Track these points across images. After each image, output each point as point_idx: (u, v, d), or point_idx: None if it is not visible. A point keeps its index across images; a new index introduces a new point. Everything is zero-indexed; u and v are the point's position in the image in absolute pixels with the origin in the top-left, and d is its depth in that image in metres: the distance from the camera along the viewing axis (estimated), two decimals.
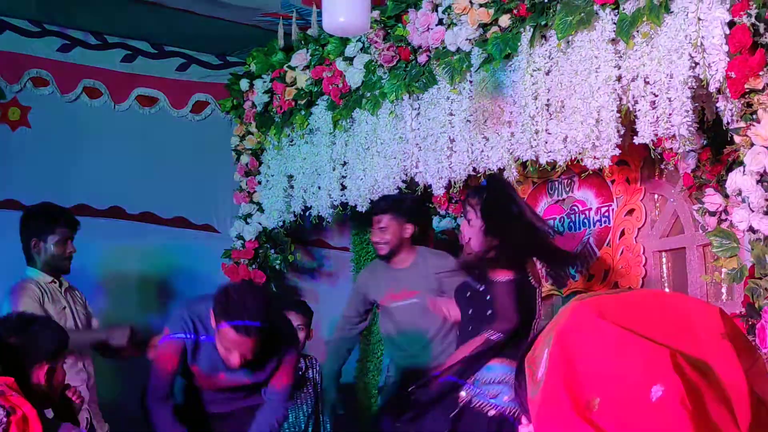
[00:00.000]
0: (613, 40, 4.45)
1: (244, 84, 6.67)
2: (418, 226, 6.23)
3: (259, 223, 6.58)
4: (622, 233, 5.57)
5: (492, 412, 4.67)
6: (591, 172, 5.16)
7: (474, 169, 5.17)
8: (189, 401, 4.92)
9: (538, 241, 4.92)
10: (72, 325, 5.33)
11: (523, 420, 1.58)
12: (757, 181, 4.00)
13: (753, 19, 3.97)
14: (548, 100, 4.72)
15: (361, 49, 5.78)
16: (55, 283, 5.40)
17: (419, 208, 5.73)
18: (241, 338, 4.31)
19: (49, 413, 3.78)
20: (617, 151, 4.51)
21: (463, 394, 4.76)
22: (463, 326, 4.90)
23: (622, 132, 4.46)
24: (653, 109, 4.27)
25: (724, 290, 4.95)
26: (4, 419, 3.19)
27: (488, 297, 4.75)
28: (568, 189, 5.88)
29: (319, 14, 4.26)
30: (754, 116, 4.00)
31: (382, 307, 5.91)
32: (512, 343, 4.64)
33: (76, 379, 5.21)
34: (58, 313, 5.21)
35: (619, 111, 4.44)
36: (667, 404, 1.34)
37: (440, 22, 5.27)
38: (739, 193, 4.06)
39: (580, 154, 4.61)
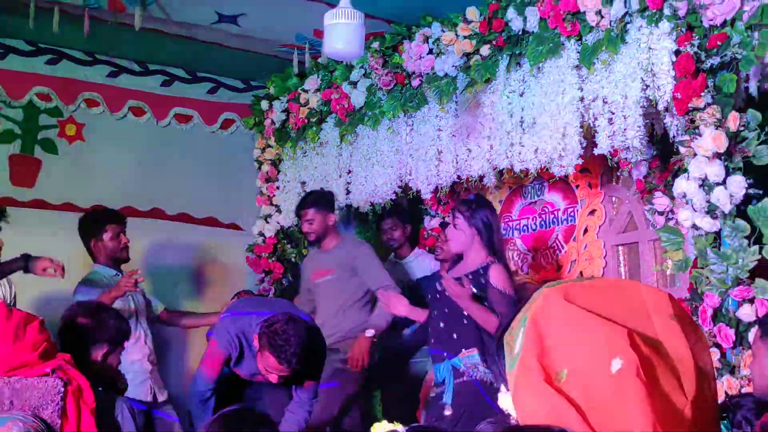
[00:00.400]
0: (576, 66, 4.45)
1: (264, 104, 6.66)
2: (412, 225, 6.23)
3: (278, 222, 6.56)
4: (586, 230, 5.56)
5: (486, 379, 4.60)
6: (558, 178, 5.14)
7: (458, 177, 5.17)
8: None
9: None
10: (132, 307, 5.43)
11: (503, 389, 1.57)
12: (699, 186, 3.99)
13: (696, 49, 3.98)
14: (522, 117, 4.72)
15: (363, 75, 5.77)
16: (118, 275, 5.43)
17: (330, 200, 5.83)
18: (282, 367, 4.29)
19: None
20: (580, 161, 4.52)
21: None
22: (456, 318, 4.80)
23: (584, 144, 4.46)
24: (611, 124, 4.27)
25: (670, 279, 4.93)
26: (62, 389, 3.18)
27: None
28: (539, 193, 5.86)
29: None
30: (697, 131, 3.99)
31: (310, 283, 5.95)
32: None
33: (138, 353, 5.31)
34: (121, 300, 5.26)
35: (581, 126, 4.44)
36: (625, 376, 1.34)
37: (430, 51, 5.27)
38: (684, 196, 4.05)
39: (548, 163, 4.61)
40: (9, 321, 3.19)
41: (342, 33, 4.06)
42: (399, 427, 2.12)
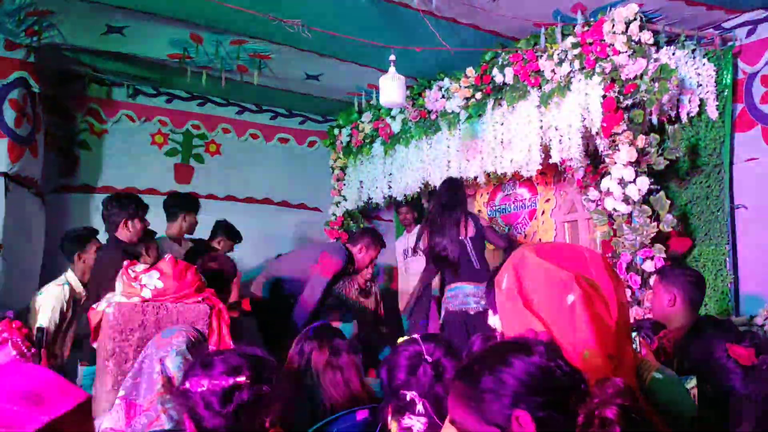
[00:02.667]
0: (538, 106, 4.42)
1: (336, 131, 6.66)
2: (418, 212, 6.11)
3: (344, 206, 6.57)
4: (543, 212, 5.52)
5: (471, 312, 4.57)
6: (525, 178, 5.11)
7: (461, 177, 5.14)
8: None
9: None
10: None
11: (491, 313, 1.56)
12: (618, 183, 3.97)
13: (616, 94, 3.94)
14: (502, 139, 4.69)
15: (399, 111, 5.75)
16: None
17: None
18: None
19: None
20: (540, 167, 4.48)
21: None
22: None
23: (542, 156, 4.42)
24: (560, 143, 4.24)
25: (599, 244, 4.89)
26: (209, 311, 3.21)
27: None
28: (513, 187, 5.82)
29: (377, 94, 4.24)
30: (617, 147, 3.96)
31: None
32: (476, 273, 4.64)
33: None
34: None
35: (541, 145, 4.41)
36: (577, 305, 1.33)
37: (443, 96, 5.24)
38: (608, 190, 4.03)
39: (519, 168, 4.58)
40: (176, 267, 3.23)
41: (391, 90, 4.08)
42: (416, 335, 2.11)
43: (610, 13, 4.01)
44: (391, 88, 4.07)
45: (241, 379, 1.66)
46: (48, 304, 4.08)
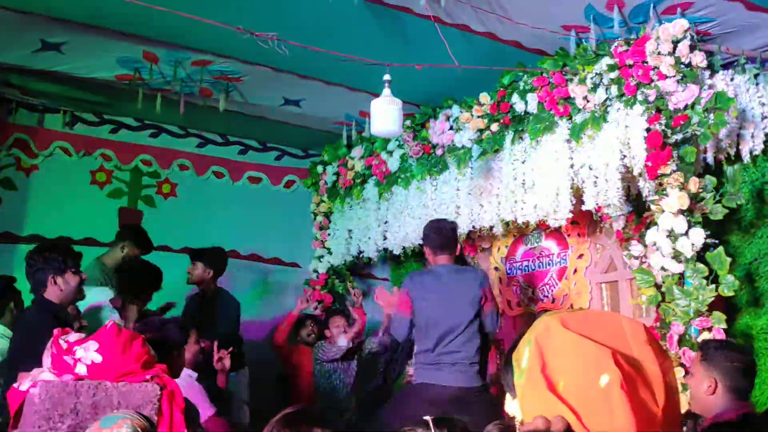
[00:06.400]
0: (567, 140, 4.48)
1: (319, 168, 6.73)
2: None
3: (329, 262, 6.59)
4: (575, 270, 5.51)
5: None
6: (553, 229, 5.14)
7: (473, 226, 5.18)
8: None
9: None
10: None
11: (508, 396, 1.57)
12: (667, 236, 3.99)
13: (663, 127, 3.99)
14: (524, 180, 4.74)
15: (398, 146, 5.83)
16: None
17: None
18: None
19: None
20: (570, 215, 4.51)
21: None
22: None
23: (573, 202, 4.45)
24: (595, 186, 4.28)
25: (644, 310, 4.89)
26: (159, 392, 3.18)
27: None
28: (537, 240, 5.83)
29: (370, 123, 4.29)
30: (665, 192, 4.00)
31: None
32: None
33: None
34: None
35: (571, 188, 4.44)
36: (612, 388, 1.34)
37: (451, 127, 5.32)
38: (655, 244, 4.04)
39: (545, 216, 4.61)
40: (119, 338, 3.20)
41: (385, 116, 4.07)
42: (427, 417, 2.08)
43: (654, 30, 4.09)
44: (385, 114, 4.06)
45: None
46: None
